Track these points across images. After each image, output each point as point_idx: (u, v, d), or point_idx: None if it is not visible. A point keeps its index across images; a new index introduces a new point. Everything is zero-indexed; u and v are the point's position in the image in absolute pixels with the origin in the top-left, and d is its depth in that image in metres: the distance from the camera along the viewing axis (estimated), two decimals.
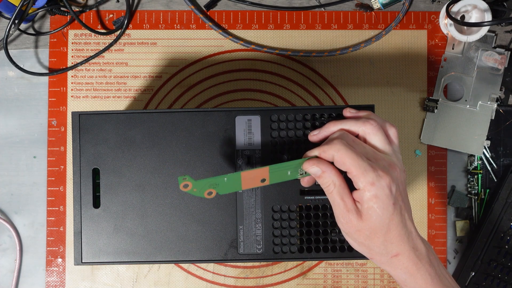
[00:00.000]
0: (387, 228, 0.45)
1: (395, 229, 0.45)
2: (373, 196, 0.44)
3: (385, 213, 0.45)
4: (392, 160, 0.46)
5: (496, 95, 0.64)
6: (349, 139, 0.46)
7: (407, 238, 0.46)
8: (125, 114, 0.53)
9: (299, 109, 0.53)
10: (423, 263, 0.46)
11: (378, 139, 0.47)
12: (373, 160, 0.45)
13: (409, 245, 0.46)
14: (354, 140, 0.47)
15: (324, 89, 0.65)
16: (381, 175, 0.44)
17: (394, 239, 0.46)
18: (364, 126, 0.47)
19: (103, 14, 0.65)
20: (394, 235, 0.46)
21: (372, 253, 0.47)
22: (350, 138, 0.47)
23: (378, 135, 0.47)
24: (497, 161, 0.65)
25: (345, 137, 0.47)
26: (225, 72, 0.65)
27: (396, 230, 0.45)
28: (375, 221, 0.45)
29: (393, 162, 0.46)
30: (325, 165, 0.46)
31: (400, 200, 0.46)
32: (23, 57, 0.65)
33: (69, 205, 0.64)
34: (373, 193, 0.44)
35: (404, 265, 0.46)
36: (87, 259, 0.53)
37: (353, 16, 0.65)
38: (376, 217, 0.45)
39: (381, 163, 0.45)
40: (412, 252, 0.46)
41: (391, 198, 0.45)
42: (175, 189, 0.53)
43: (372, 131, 0.47)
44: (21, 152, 0.65)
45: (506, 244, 0.63)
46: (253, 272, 0.64)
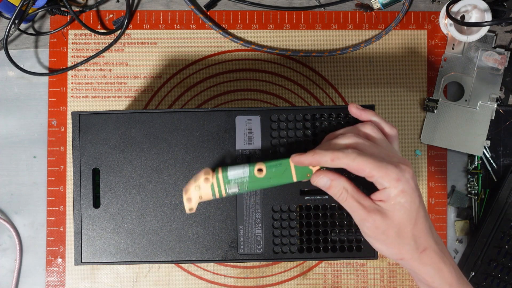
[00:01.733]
0: (414, 222, 0.45)
1: (422, 222, 0.46)
2: (400, 192, 0.44)
3: (412, 206, 0.45)
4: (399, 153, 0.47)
5: (496, 95, 0.64)
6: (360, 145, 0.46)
7: (431, 232, 0.46)
8: (125, 114, 0.53)
9: (299, 109, 0.53)
10: (447, 257, 0.47)
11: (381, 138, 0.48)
12: (388, 157, 0.46)
13: (433, 238, 0.46)
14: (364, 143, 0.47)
15: (324, 89, 0.65)
16: (404, 169, 0.45)
17: (421, 233, 0.46)
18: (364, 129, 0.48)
19: (103, 14, 0.65)
20: (421, 228, 0.46)
21: (403, 252, 0.46)
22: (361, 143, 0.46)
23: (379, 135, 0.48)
24: (497, 161, 0.65)
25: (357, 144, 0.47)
26: (225, 72, 0.65)
27: (422, 223, 0.46)
28: (403, 215, 0.45)
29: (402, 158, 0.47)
30: (332, 175, 0.46)
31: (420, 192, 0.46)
32: (23, 57, 0.65)
33: (69, 205, 0.64)
34: (400, 188, 0.44)
35: (433, 259, 0.46)
36: (87, 259, 0.53)
37: (353, 16, 0.65)
38: (404, 212, 0.45)
39: (397, 157, 0.46)
40: (436, 245, 0.46)
41: (416, 190, 0.45)
42: (175, 189, 0.53)
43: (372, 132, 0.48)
44: (21, 152, 0.65)
45: (506, 244, 0.63)
46: (253, 272, 0.64)
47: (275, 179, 0.48)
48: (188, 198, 0.48)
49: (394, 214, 0.45)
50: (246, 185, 0.48)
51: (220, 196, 0.48)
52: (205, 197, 0.48)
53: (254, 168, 0.48)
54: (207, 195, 0.48)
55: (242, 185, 0.48)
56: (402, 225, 0.45)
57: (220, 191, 0.48)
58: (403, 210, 0.45)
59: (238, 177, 0.48)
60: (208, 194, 0.48)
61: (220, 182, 0.48)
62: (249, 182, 0.48)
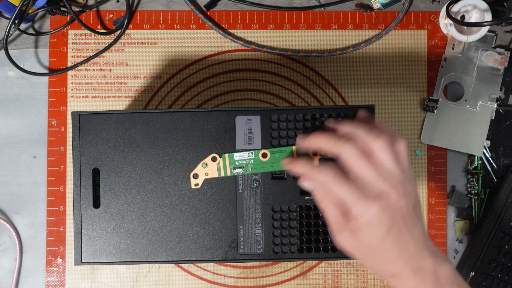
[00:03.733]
0: (379, 252, 0.45)
1: (391, 251, 0.45)
2: (364, 224, 0.45)
3: (374, 240, 0.45)
4: (392, 183, 0.45)
5: (496, 95, 0.64)
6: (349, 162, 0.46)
7: (407, 259, 0.45)
8: (125, 114, 0.53)
9: (299, 109, 0.53)
10: (425, 285, 0.45)
11: (385, 158, 0.45)
12: (368, 185, 0.45)
13: (409, 266, 0.45)
14: (347, 169, 0.46)
15: (324, 89, 0.65)
16: (369, 206, 0.44)
17: (389, 260, 0.45)
18: (373, 143, 0.45)
19: (103, 14, 0.65)
20: (390, 257, 0.45)
21: (371, 269, 0.47)
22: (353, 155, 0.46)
23: (386, 153, 0.45)
24: (497, 161, 0.65)
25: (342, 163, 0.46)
26: (225, 72, 0.65)
27: (392, 252, 0.45)
28: (366, 245, 0.45)
29: (392, 186, 0.45)
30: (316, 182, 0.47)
31: (399, 223, 0.45)
32: (23, 57, 0.65)
33: (69, 205, 0.64)
34: (363, 221, 0.44)
35: (405, 285, 0.46)
36: (87, 259, 0.53)
37: (353, 16, 0.65)
38: (367, 242, 0.45)
39: (375, 189, 0.44)
40: (413, 273, 0.45)
41: (381, 226, 0.44)
42: (175, 189, 0.53)
43: (381, 148, 0.45)
44: (21, 152, 0.65)
45: (506, 244, 0.63)
46: (253, 272, 0.64)
47: (278, 164, 0.52)
48: (194, 174, 0.52)
49: (360, 240, 0.45)
50: (250, 167, 0.52)
51: (225, 174, 0.52)
52: (211, 174, 0.52)
53: (259, 152, 0.52)
54: (213, 172, 0.52)
55: (246, 166, 0.52)
56: (366, 251, 0.46)
57: (225, 170, 0.52)
58: (366, 240, 0.45)
59: (243, 158, 0.52)
60: (214, 172, 0.52)
61: (226, 161, 0.52)
62: (253, 165, 0.52)
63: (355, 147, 0.45)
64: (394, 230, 0.44)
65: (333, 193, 0.46)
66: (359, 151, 0.45)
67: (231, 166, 0.52)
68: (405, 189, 0.45)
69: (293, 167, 0.49)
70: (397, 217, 0.44)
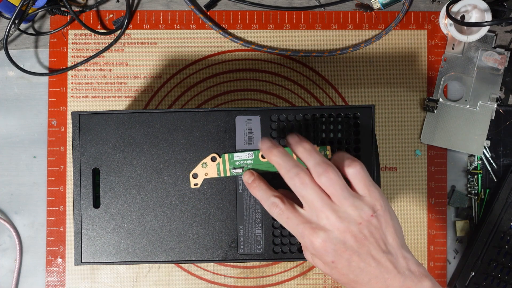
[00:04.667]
0: (332, 275, 0.47)
1: (342, 277, 0.46)
2: (309, 255, 0.47)
3: (324, 268, 0.46)
4: (338, 216, 0.44)
5: (496, 95, 0.64)
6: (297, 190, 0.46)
7: (366, 283, 0.45)
8: (125, 114, 0.53)
9: (299, 109, 0.53)
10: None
11: (336, 190, 0.45)
12: (315, 217, 0.45)
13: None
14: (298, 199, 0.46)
15: (324, 89, 0.65)
16: (315, 237, 0.45)
17: (354, 283, 0.46)
18: (319, 178, 0.45)
19: (103, 14, 0.65)
20: (351, 280, 0.46)
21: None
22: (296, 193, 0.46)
23: (336, 187, 0.45)
24: (497, 161, 0.65)
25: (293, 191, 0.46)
26: (225, 72, 0.65)
27: (344, 278, 0.46)
28: (323, 269, 0.47)
29: (339, 217, 0.44)
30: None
31: (349, 251, 0.45)
32: (23, 57, 0.65)
33: (69, 205, 0.64)
34: (308, 254, 0.47)
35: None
36: (87, 259, 0.53)
37: (353, 16, 0.65)
38: (322, 268, 0.47)
39: (322, 222, 0.45)
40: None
41: (328, 255, 0.45)
42: (175, 189, 0.53)
43: (329, 184, 0.45)
44: (21, 152, 0.65)
45: (506, 244, 0.63)
46: (253, 272, 0.64)
47: None
48: (194, 174, 0.52)
49: (318, 263, 0.47)
50: (250, 167, 0.52)
51: (225, 174, 0.52)
52: (210, 174, 0.52)
53: (259, 153, 0.52)
54: (213, 172, 0.52)
55: (246, 166, 0.52)
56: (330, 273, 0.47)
57: (225, 170, 0.52)
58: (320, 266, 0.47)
59: (243, 159, 0.51)
60: (213, 172, 0.52)
61: (226, 161, 0.51)
62: (253, 165, 0.52)
63: (304, 177, 0.45)
64: (337, 263, 0.45)
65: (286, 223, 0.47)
66: (309, 179, 0.45)
67: (230, 166, 0.52)
68: (360, 214, 0.45)
69: (249, 188, 0.50)
70: (347, 245, 0.44)
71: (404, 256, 0.45)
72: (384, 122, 0.64)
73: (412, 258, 0.46)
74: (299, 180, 0.45)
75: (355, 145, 0.53)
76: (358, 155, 0.52)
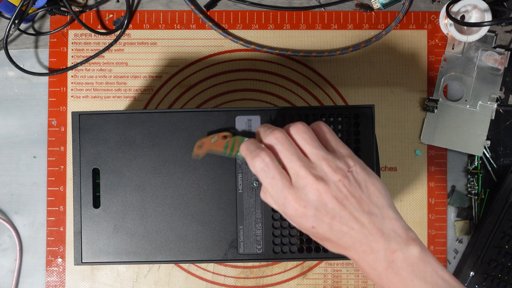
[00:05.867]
0: (314, 238, 0.46)
1: (325, 241, 0.44)
2: (288, 219, 0.46)
3: (305, 231, 0.45)
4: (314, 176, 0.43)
5: (496, 95, 0.64)
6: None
7: (350, 245, 0.43)
8: (125, 114, 0.53)
9: (299, 109, 0.53)
10: (376, 267, 0.43)
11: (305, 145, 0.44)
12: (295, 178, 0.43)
13: (356, 249, 0.43)
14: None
15: (324, 89, 0.65)
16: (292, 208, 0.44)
17: (335, 247, 0.45)
18: (291, 130, 0.45)
19: (103, 14, 0.65)
20: (328, 246, 0.45)
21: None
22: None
23: (300, 138, 0.45)
24: (497, 161, 0.65)
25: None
26: (225, 72, 0.65)
27: (326, 242, 0.45)
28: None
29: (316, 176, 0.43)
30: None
31: (325, 220, 0.43)
32: (23, 57, 0.65)
33: (69, 205, 0.64)
34: (287, 218, 0.46)
35: (357, 265, 0.45)
36: (87, 259, 0.53)
37: (353, 16, 0.65)
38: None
39: (299, 183, 0.43)
40: (363, 254, 0.43)
41: (304, 225, 0.44)
42: (175, 189, 0.53)
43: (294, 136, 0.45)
44: (21, 152, 0.65)
45: (506, 244, 0.63)
46: (253, 272, 0.64)
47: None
48: (200, 145, 0.51)
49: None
50: None
51: (230, 155, 0.50)
52: (216, 149, 0.51)
53: None
54: (219, 149, 0.50)
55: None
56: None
57: (231, 151, 0.50)
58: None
59: None
60: (219, 148, 0.50)
61: (235, 143, 0.50)
62: None
63: (279, 134, 0.44)
64: (324, 223, 0.43)
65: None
66: (284, 137, 0.44)
67: (238, 149, 0.49)
68: (335, 169, 0.43)
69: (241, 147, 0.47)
70: (327, 207, 0.42)
71: (389, 217, 0.43)
72: (384, 122, 0.64)
73: (399, 219, 0.43)
74: (273, 136, 0.44)
75: (355, 145, 0.53)
76: (358, 155, 0.52)
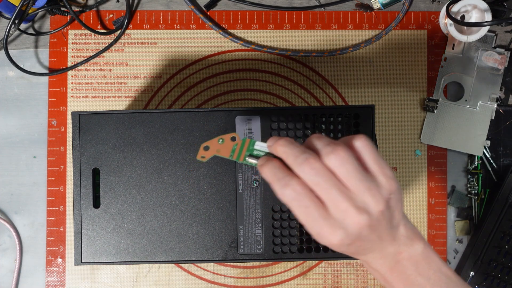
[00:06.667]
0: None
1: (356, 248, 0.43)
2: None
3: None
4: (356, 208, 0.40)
5: (496, 95, 0.64)
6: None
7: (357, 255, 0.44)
8: (125, 114, 0.53)
9: (299, 109, 0.53)
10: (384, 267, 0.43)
11: (348, 172, 0.40)
12: (333, 208, 0.40)
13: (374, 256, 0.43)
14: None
15: (324, 89, 0.65)
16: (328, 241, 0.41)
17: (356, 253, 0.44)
18: (328, 158, 0.40)
19: (103, 14, 0.65)
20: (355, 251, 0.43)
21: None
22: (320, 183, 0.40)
23: (347, 167, 0.40)
24: (497, 161, 0.65)
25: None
26: (225, 72, 0.65)
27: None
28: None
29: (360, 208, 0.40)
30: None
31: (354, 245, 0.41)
32: (23, 57, 0.65)
33: (69, 205, 0.64)
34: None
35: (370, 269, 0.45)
36: (87, 259, 0.53)
37: (353, 16, 0.65)
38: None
39: (338, 215, 0.40)
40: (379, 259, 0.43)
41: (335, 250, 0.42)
42: (175, 189, 0.53)
43: (340, 163, 0.40)
44: (21, 152, 0.65)
45: (506, 244, 0.63)
46: (253, 272, 0.64)
47: None
48: (206, 146, 0.46)
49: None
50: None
51: (237, 159, 0.46)
52: (222, 153, 0.46)
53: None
54: (226, 152, 0.46)
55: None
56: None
57: (239, 155, 0.46)
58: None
59: (262, 149, 0.45)
60: (226, 152, 0.46)
61: (244, 146, 0.45)
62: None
63: (314, 162, 0.40)
64: (351, 247, 0.42)
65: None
66: (319, 164, 0.40)
67: (247, 153, 0.45)
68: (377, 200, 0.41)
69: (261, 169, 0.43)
70: (361, 236, 0.41)
71: (404, 224, 0.43)
72: (384, 122, 0.64)
73: (408, 223, 0.43)
74: (308, 166, 0.40)
75: None
76: None
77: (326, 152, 0.40)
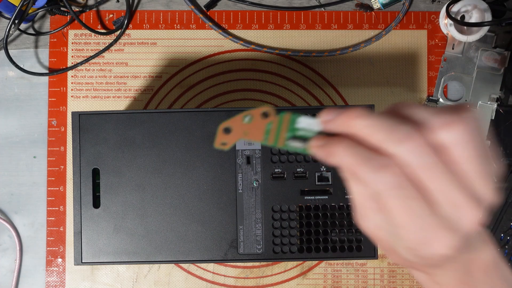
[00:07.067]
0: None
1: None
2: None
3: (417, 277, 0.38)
4: (476, 206, 0.30)
5: (496, 95, 0.64)
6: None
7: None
8: (125, 114, 0.53)
9: (299, 109, 0.53)
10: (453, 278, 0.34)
11: (472, 164, 0.29)
12: (447, 207, 0.29)
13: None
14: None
15: (324, 89, 0.65)
16: (433, 249, 0.31)
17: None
18: (442, 134, 0.29)
19: (103, 14, 0.65)
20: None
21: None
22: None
23: (472, 156, 0.29)
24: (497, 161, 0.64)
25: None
26: (225, 72, 0.65)
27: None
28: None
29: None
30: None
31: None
32: (23, 57, 0.65)
33: (69, 205, 0.64)
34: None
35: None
36: (87, 259, 0.53)
37: (353, 16, 0.65)
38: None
39: (452, 214, 0.30)
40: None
41: (432, 270, 0.35)
42: (175, 189, 0.53)
43: (461, 145, 0.29)
44: (21, 152, 0.65)
45: (506, 244, 0.63)
46: (253, 272, 0.64)
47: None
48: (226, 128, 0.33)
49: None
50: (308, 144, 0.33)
51: (274, 144, 0.32)
52: (252, 136, 0.33)
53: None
54: (257, 134, 0.33)
55: (305, 142, 0.33)
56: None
57: (277, 137, 0.32)
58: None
59: (309, 127, 0.32)
60: (258, 134, 0.33)
61: (283, 124, 0.32)
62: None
63: (422, 141, 0.28)
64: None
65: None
66: (430, 147, 0.28)
67: (288, 134, 0.32)
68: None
69: (329, 152, 0.31)
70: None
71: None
72: None
73: None
74: (413, 143, 0.28)
75: None
76: None
77: (439, 125, 0.28)
